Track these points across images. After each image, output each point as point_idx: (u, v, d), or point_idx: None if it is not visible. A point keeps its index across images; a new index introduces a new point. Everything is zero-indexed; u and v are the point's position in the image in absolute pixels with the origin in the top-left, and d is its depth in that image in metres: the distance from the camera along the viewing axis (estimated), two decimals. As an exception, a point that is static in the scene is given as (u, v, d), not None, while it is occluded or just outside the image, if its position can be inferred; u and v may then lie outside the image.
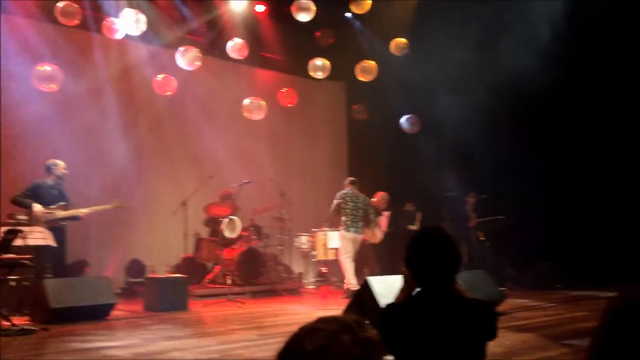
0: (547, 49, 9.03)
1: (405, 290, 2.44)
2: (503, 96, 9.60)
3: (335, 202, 9.14)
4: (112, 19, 8.94)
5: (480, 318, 2.22)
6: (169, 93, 9.77)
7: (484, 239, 10.30)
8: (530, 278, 9.94)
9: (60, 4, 8.32)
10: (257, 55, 11.76)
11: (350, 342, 1.19)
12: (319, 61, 10.30)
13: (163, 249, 10.54)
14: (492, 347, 1.95)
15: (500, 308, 6.80)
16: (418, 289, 2.32)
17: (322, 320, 1.26)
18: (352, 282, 8.70)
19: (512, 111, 9.79)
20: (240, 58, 10.06)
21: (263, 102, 10.02)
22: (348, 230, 9.04)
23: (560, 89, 9.57)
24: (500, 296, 6.99)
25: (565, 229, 9.49)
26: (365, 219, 9.19)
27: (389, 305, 2.36)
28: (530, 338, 5.32)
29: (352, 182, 9.33)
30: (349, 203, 9.06)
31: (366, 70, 10.29)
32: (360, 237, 9.22)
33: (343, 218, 9.05)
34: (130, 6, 9.24)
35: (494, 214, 10.26)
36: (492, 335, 2.25)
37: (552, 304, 7.73)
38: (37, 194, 7.40)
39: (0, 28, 9.08)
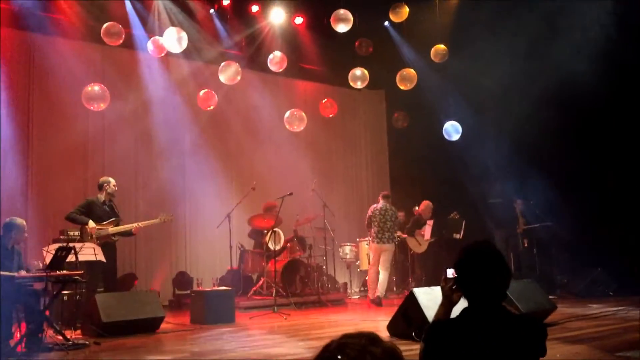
0: (591, 53, 8.80)
1: (445, 305, 2.41)
2: (548, 101, 9.40)
3: (367, 215, 9.78)
4: (156, 37, 9.15)
5: (531, 335, 2.17)
6: (211, 108, 9.93)
7: (527, 246, 10.08)
8: (581, 286, 9.65)
9: (105, 25, 8.57)
10: (297, 67, 11.87)
11: (380, 353, 1.31)
12: (358, 71, 10.30)
13: (209, 262, 10.70)
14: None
15: (551, 318, 6.63)
16: (463, 305, 2.28)
17: (348, 336, 1.37)
18: (379, 290, 9.39)
19: (559, 116, 9.55)
20: (280, 70, 10.15)
21: (303, 114, 10.07)
22: (373, 241, 9.63)
23: (607, 93, 9.29)
24: (551, 306, 6.81)
25: (616, 234, 9.20)
26: (395, 230, 9.78)
27: (436, 323, 2.33)
28: (583, 350, 5.16)
29: (384, 197, 9.91)
30: (377, 216, 9.62)
31: (406, 78, 10.24)
32: (386, 246, 9.60)
33: (372, 230, 9.65)
34: (172, 24, 9.47)
35: (542, 220, 10.05)
36: (542, 353, 2.20)
37: (605, 313, 7.48)
38: (90, 210, 7.62)
39: (49, 50, 9.41)
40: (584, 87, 8.64)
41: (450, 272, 2.48)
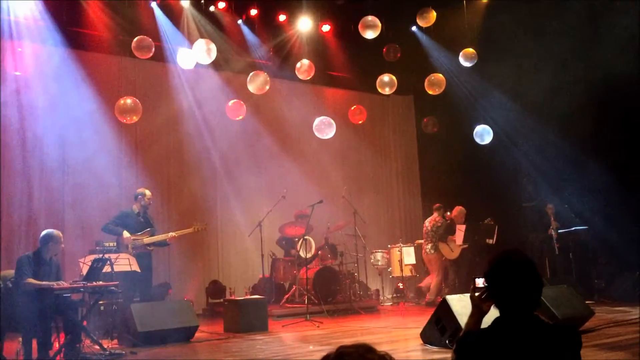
0: (631, 53, 8.61)
1: (475, 315, 2.38)
2: (581, 103, 9.23)
3: (438, 226, 10.50)
4: (185, 49, 9.29)
5: (565, 345, 2.14)
6: (240, 117, 10.02)
7: (563, 250, 9.90)
8: (619, 290, 9.42)
9: (135, 39, 8.73)
10: (325, 74, 11.90)
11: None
12: (386, 77, 10.29)
13: (241, 270, 10.78)
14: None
15: (588, 324, 6.49)
16: (494, 314, 2.26)
17: (344, 346, 1.46)
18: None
19: (593, 118, 9.38)
20: (308, 78, 10.20)
21: (332, 121, 10.09)
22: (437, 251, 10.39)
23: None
24: (588, 312, 6.66)
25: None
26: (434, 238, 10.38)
27: (467, 333, 2.30)
28: (622, 357, 5.04)
29: (435, 209, 10.66)
30: (426, 226, 10.47)
31: (434, 83, 10.18)
32: (428, 255, 10.42)
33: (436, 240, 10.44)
34: (201, 36, 9.61)
35: (577, 224, 9.87)
36: None
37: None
38: (125, 221, 7.76)
39: (81, 63, 9.63)
40: (621, 88, 8.47)
41: (480, 281, 2.44)
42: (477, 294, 2.39)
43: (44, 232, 6.25)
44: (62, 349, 5.71)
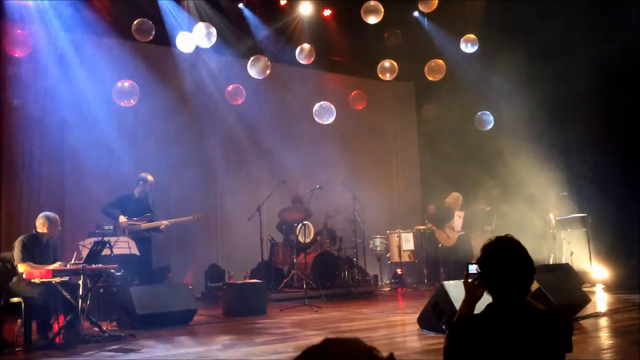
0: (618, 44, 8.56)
1: (468, 301, 2.40)
2: (581, 91, 9.20)
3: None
4: (185, 32, 9.24)
5: (556, 331, 2.15)
6: (240, 102, 10.01)
7: (562, 237, 9.93)
8: (618, 277, 9.46)
9: (135, 22, 8.69)
10: (326, 59, 11.85)
11: (361, 351, 1.35)
12: (387, 63, 10.25)
13: (240, 254, 10.80)
14: (575, 354, 1.88)
15: (585, 311, 6.53)
16: (487, 301, 2.27)
17: (330, 338, 1.41)
18: None
19: (591, 105, 9.36)
20: (308, 63, 10.15)
21: (332, 106, 10.07)
22: None
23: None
24: (585, 298, 6.69)
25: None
26: None
27: (460, 319, 2.32)
28: (620, 343, 5.07)
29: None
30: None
31: (434, 69, 10.15)
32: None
33: None
34: (202, 19, 9.55)
35: (576, 211, 9.88)
36: (568, 349, 2.18)
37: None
38: (124, 205, 7.78)
39: (80, 47, 9.59)
40: (623, 77, 8.45)
41: (473, 268, 2.45)
42: (469, 280, 2.41)
43: (40, 215, 6.27)
44: (62, 330, 5.76)
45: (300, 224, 9.80)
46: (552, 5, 9.52)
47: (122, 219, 7.62)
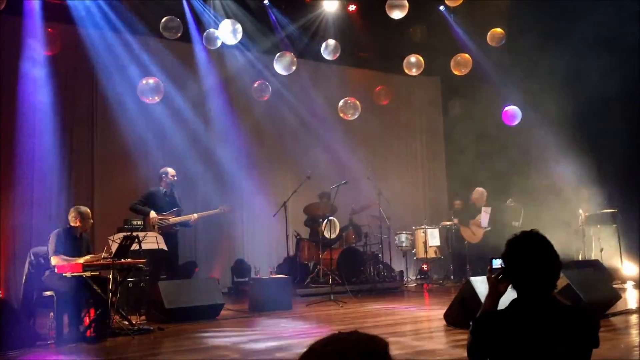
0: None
1: (492, 296, 2.38)
2: (611, 86, 9.01)
3: None
4: (211, 30, 9.31)
5: (582, 327, 2.13)
6: (265, 98, 10.06)
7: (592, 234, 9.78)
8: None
9: (163, 19, 8.78)
10: (351, 55, 11.82)
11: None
12: (413, 58, 10.18)
13: (266, 250, 10.87)
14: (605, 351, 1.86)
15: (616, 308, 6.42)
16: (513, 296, 2.26)
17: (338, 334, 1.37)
18: None
19: (622, 100, 9.16)
20: (334, 59, 10.14)
21: (357, 102, 10.05)
22: None
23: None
24: (615, 295, 6.59)
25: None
26: None
27: (485, 313, 2.31)
28: (649, 341, 4.99)
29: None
30: None
31: (461, 63, 10.05)
32: None
33: None
34: (227, 16, 9.61)
35: (606, 207, 9.72)
36: (595, 345, 2.15)
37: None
38: (151, 201, 7.88)
39: (107, 45, 9.72)
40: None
41: (497, 262, 2.44)
42: (493, 275, 2.39)
43: (72, 209, 6.39)
44: (92, 324, 5.87)
45: (326, 220, 9.82)
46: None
47: (153, 214, 7.72)
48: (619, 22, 8.78)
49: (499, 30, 9.89)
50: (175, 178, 8.11)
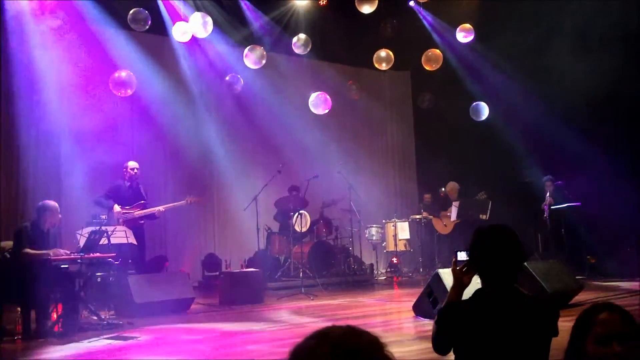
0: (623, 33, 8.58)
1: (456, 288, 2.44)
2: (578, 80, 9.21)
3: None
4: (181, 22, 9.23)
5: (542, 316, 2.21)
6: (237, 91, 10.02)
7: (555, 226, 10.00)
8: (610, 266, 9.55)
9: (131, 11, 8.67)
10: (322, 49, 11.82)
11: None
12: (383, 52, 10.25)
13: (236, 244, 10.86)
14: (565, 340, 1.93)
15: (578, 298, 6.61)
16: (477, 287, 2.32)
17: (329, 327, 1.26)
18: None
19: (589, 95, 9.37)
20: (304, 53, 10.15)
21: (328, 97, 10.08)
22: None
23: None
24: (577, 286, 6.78)
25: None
26: None
27: (448, 305, 2.37)
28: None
29: None
30: None
31: (431, 59, 10.15)
32: None
33: None
34: (197, 9, 9.54)
35: (570, 200, 9.95)
36: (554, 334, 2.24)
37: (635, 293, 7.41)
38: (115, 194, 7.80)
39: (77, 36, 9.56)
40: (613, 66, 8.47)
41: (462, 255, 2.51)
42: (458, 267, 2.46)
43: (39, 204, 6.29)
44: (60, 319, 5.81)
45: (297, 214, 9.85)
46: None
47: (117, 208, 7.64)
48: (591, 16, 8.96)
49: (467, 25, 10.01)
50: (136, 171, 7.98)
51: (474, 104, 10.54)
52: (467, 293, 2.38)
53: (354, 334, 1.23)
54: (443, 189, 11.11)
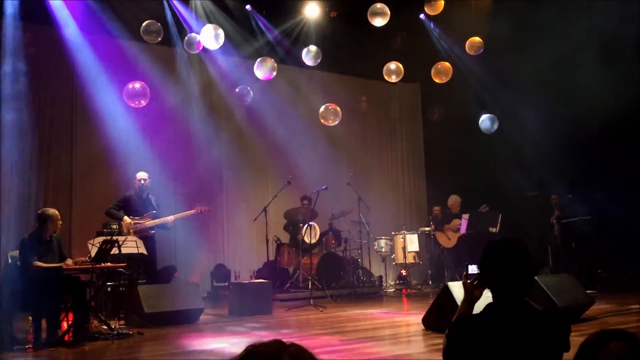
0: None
1: (467, 302, 2.43)
2: (587, 93, 9.20)
3: None
4: (193, 34, 9.31)
5: (554, 331, 2.20)
6: (247, 103, 10.09)
7: (566, 240, 9.96)
8: (622, 280, 9.48)
9: (144, 23, 8.76)
10: (332, 61, 11.88)
11: (292, 353, 1.29)
12: (393, 65, 10.28)
13: (246, 255, 10.89)
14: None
15: (589, 313, 6.57)
16: (488, 301, 2.32)
17: (255, 345, 1.35)
18: None
19: (599, 108, 9.35)
20: (315, 65, 10.20)
21: (338, 108, 10.11)
22: None
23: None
24: (588, 300, 6.73)
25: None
26: None
27: (460, 318, 2.36)
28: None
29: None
30: None
31: (441, 71, 10.17)
32: None
33: None
34: (209, 21, 9.63)
35: (581, 214, 9.91)
36: (566, 348, 2.22)
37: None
38: (126, 205, 7.84)
39: (89, 48, 9.68)
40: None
41: (473, 268, 2.50)
42: (469, 280, 2.45)
43: (39, 212, 6.32)
44: (71, 328, 5.84)
45: (306, 225, 9.86)
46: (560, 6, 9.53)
47: (127, 219, 7.67)
48: (600, 35, 8.97)
49: (477, 39, 10.04)
50: (145, 182, 7.95)
51: (484, 116, 10.54)
52: (478, 307, 2.38)
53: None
54: (448, 202, 11.14)
